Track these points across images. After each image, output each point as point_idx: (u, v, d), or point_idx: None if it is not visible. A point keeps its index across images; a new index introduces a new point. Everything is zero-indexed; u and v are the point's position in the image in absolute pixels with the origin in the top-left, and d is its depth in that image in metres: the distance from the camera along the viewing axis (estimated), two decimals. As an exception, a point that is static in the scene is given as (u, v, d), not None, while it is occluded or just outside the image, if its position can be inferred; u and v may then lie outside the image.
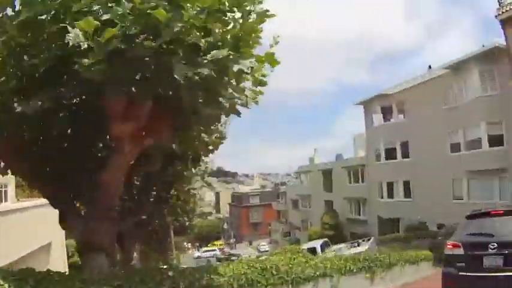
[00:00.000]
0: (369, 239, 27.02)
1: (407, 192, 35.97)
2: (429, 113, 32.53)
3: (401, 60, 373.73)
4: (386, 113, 38.72)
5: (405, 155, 36.01)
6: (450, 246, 8.31)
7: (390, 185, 37.53)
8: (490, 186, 27.49)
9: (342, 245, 27.07)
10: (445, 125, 30.94)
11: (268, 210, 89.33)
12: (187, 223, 22.67)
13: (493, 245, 7.39)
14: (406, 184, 36.06)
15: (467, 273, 7.59)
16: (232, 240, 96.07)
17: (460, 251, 7.95)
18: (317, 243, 26.24)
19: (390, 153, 37.30)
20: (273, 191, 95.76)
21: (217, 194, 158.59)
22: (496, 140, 26.83)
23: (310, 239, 43.00)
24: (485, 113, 27.13)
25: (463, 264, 7.75)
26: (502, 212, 8.35)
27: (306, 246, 25.41)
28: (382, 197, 38.16)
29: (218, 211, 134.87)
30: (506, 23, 24.41)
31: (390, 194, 37.46)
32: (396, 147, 36.72)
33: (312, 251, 23.00)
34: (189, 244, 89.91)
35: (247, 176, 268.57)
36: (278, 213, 78.55)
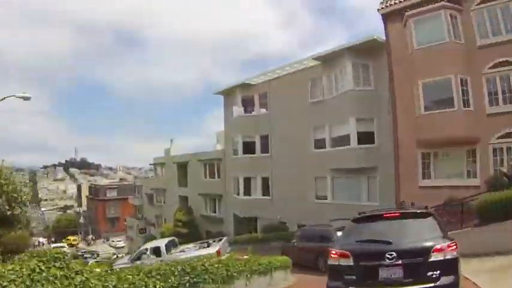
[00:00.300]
0: (220, 239, 24.21)
1: (266, 190, 33.26)
2: (294, 106, 29.96)
3: (274, 64, 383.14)
4: (248, 104, 35.38)
5: (265, 149, 33.06)
6: (335, 256, 7.17)
7: (248, 182, 34.31)
8: (358, 186, 25.66)
9: (191, 245, 23.91)
10: (311, 119, 28.43)
11: (126, 205, 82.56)
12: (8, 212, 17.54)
13: (390, 254, 6.51)
14: (265, 181, 33.30)
15: None
16: (90, 236, 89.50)
17: (349, 262, 6.89)
18: (162, 243, 23.11)
19: (249, 148, 34.05)
20: (132, 184, 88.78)
21: (78, 187, 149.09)
22: (366, 138, 24.83)
23: (163, 236, 40.08)
24: (355, 109, 24.92)
25: (354, 277, 6.79)
26: (398, 214, 7.60)
27: (149, 245, 23.47)
28: (238, 194, 34.70)
29: (80, 205, 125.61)
30: (387, 17, 24.10)
31: (247, 191, 34.29)
32: (256, 141, 33.55)
33: (156, 251, 21.54)
34: (45, 239, 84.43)
35: (110, 169, 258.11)
36: (136, 209, 72.25)
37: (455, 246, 6.86)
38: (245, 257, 14.07)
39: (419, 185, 22.07)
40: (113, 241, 79.70)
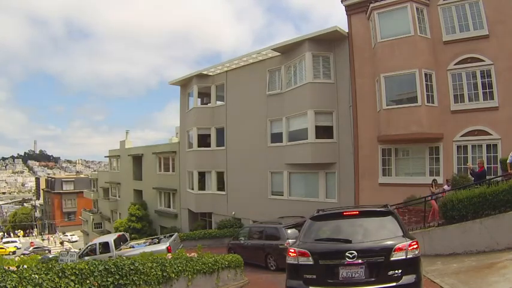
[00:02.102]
0: (170, 235, 22.46)
1: (221, 185, 30.77)
2: (251, 98, 27.64)
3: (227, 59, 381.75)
4: (205, 96, 32.73)
5: (221, 143, 30.54)
6: (294, 254, 6.69)
7: (202, 176, 31.73)
8: (315, 182, 23.65)
9: (141, 241, 22.42)
10: (268, 112, 26.22)
11: (83, 199, 77.46)
12: None
13: (351, 253, 6.15)
14: (220, 175, 30.78)
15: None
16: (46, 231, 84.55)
17: (309, 261, 6.44)
18: (110, 238, 21.52)
19: (204, 141, 31.42)
20: (89, 178, 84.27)
21: (37, 179, 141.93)
22: (325, 132, 22.80)
23: (117, 231, 37.13)
24: (314, 102, 22.76)
25: (314, 276, 6.35)
26: (357, 212, 7.17)
27: (98, 240, 21.81)
28: (192, 189, 32.00)
29: (38, 198, 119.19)
30: (350, 9, 22.24)
31: (202, 186, 31.67)
32: (211, 134, 31.02)
33: (105, 246, 20.24)
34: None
35: (70, 162, 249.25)
36: (93, 202, 68.02)
37: (416, 245, 6.51)
38: (193, 254, 12.62)
39: (379, 182, 20.36)
40: (66, 235, 75.12)
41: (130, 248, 20.05)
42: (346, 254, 6.20)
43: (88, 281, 6.73)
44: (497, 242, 11.24)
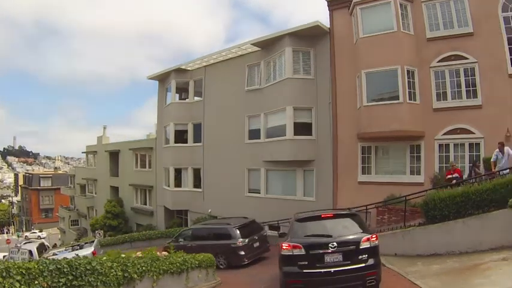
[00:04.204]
0: (92, 241, 22.35)
1: (197, 182, 29.10)
2: (230, 94, 26.13)
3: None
4: (184, 91, 31.02)
5: (198, 139, 28.88)
6: (289, 247, 8.39)
7: (179, 172, 30.03)
8: (293, 180, 22.27)
9: (62, 248, 22.56)
10: (246, 108, 24.76)
11: (61, 196, 73.92)
12: None
13: (332, 245, 8.04)
14: (197, 172, 29.12)
15: (311, 270, 8.03)
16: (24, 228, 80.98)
17: (301, 251, 8.19)
18: (33, 246, 21.53)
19: (181, 136, 29.72)
20: (67, 174, 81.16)
21: (16, 176, 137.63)
22: (304, 129, 21.39)
23: (93, 229, 37.15)
24: (293, 98, 21.36)
25: (306, 262, 8.10)
26: (332, 215, 9.11)
27: (24, 246, 21.31)
28: (168, 186, 30.30)
29: (16, 194, 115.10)
30: (332, 4, 21.09)
31: (178, 183, 29.97)
32: (188, 130, 29.34)
33: (29, 254, 20.09)
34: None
35: (49, 158, 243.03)
36: (70, 199, 65.13)
37: (376, 237, 8.40)
38: (164, 253, 12.26)
39: (358, 181, 19.12)
40: (34, 232, 70.64)
41: (52, 255, 19.06)
42: (329, 245, 8.08)
43: (36, 282, 5.86)
44: (480, 242, 10.51)
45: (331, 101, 20.47)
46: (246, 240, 15.81)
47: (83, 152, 50.59)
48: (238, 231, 15.89)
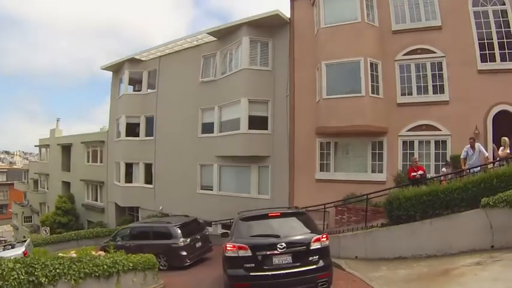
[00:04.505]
0: (24, 241, 20.03)
1: (149, 177, 25.83)
2: (184, 85, 23.07)
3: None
4: (138, 82, 27.58)
5: (150, 133, 25.62)
6: (234, 248, 7.36)
7: (130, 167, 26.64)
8: (247, 177, 19.56)
9: None
10: (200, 101, 21.84)
11: (15, 191, 67.73)
12: None
13: (281, 245, 7.09)
14: (148, 167, 25.85)
15: (259, 273, 7.03)
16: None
17: (247, 253, 7.20)
18: None
19: (133, 130, 26.32)
20: (22, 169, 75.31)
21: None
22: (259, 123, 18.73)
23: (43, 225, 32.95)
24: (249, 90, 18.64)
25: (252, 265, 7.12)
26: (279, 213, 8.00)
27: None
28: (119, 181, 26.90)
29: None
30: None
31: (129, 178, 26.57)
32: (140, 123, 26.03)
33: None
34: None
35: (8, 153, 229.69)
36: (23, 195, 59.45)
37: (327, 237, 7.47)
38: (100, 253, 10.40)
39: (316, 178, 16.62)
40: None
41: None
42: (277, 246, 7.08)
43: None
44: (449, 245, 9.12)
45: (288, 94, 18.01)
46: (188, 240, 14.02)
47: (35, 146, 46.09)
48: (179, 231, 14.08)
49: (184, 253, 13.81)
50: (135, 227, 15.98)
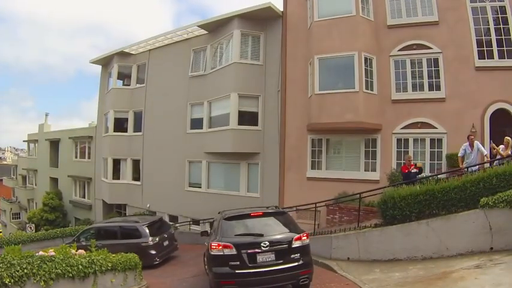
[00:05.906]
0: None
1: (136, 174, 25.00)
2: (173, 80, 22.27)
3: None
4: (127, 77, 26.70)
5: (138, 128, 24.79)
6: (219, 247, 7.43)
7: (117, 164, 25.77)
8: (236, 174, 18.85)
9: None
10: (189, 96, 21.06)
11: (4, 187, 66.48)
12: None
13: (264, 244, 7.24)
14: (136, 164, 25.02)
15: (244, 270, 7.19)
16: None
17: (232, 251, 7.32)
18: None
19: (121, 125, 25.46)
20: (12, 165, 73.81)
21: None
22: (250, 119, 18.06)
23: (30, 222, 32.34)
24: (239, 84, 17.90)
25: (238, 263, 7.26)
26: (261, 213, 8.14)
27: None
28: (106, 178, 26.03)
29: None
30: None
31: (116, 175, 25.72)
32: (129, 118, 25.19)
33: None
34: None
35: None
36: (12, 191, 57.88)
37: (306, 236, 7.67)
38: (80, 251, 9.38)
39: (307, 176, 15.92)
40: None
41: None
42: (261, 244, 7.22)
43: None
44: (446, 247, 8.69)
45: (280, 89, 17.33)
46: (157, 239, 13.99)
47: (24, 141, 45.00)
48: (147, 230, 13.98)
49: (153, 252, 13.69)
50: (100, 227, 15.48)
